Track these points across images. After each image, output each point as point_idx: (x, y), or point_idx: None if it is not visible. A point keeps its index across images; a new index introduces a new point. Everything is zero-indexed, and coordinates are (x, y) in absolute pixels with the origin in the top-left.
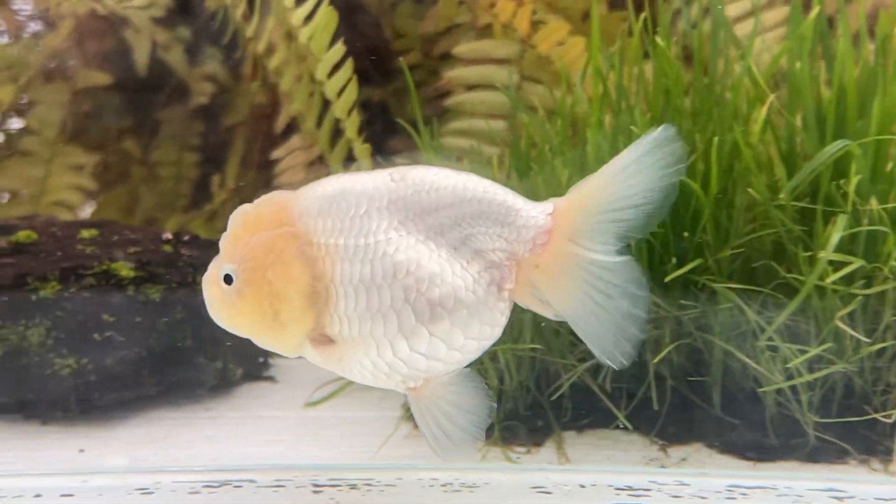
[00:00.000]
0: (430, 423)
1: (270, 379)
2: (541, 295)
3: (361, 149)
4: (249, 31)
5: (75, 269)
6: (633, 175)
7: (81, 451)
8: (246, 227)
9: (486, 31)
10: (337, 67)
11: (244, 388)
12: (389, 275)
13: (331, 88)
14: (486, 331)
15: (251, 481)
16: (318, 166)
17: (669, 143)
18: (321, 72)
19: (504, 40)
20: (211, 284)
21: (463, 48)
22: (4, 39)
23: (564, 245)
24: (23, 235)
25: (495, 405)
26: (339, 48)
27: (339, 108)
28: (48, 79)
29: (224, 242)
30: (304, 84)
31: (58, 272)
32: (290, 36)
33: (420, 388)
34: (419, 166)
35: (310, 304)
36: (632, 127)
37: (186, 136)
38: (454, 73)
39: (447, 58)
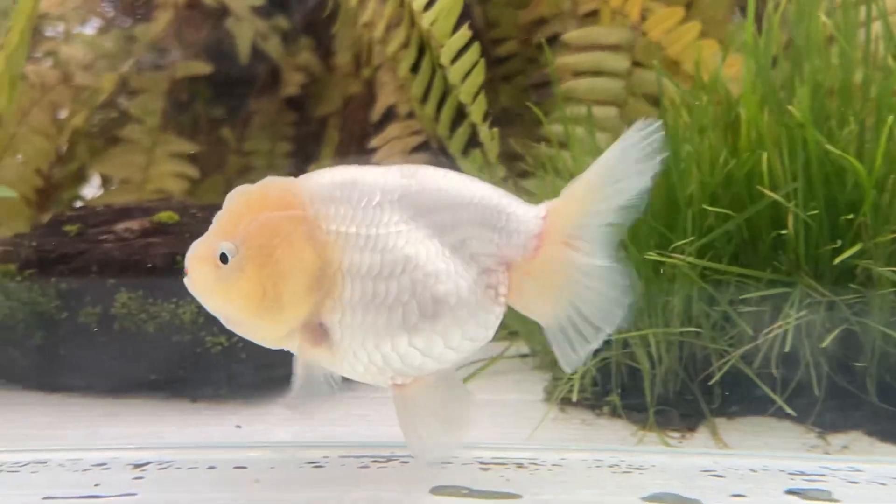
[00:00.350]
0: (415, 421)
1: None
2: (530, 301)
3: (487, 133)
4: (365, 16)
5: None
6: (620, 172)
7: (238, 426)
8: (249, 206)
9: (586, 19)
10: (461, 52)
11: None
12: (399, 267)
13: (455, 73)
14: (480, 333)
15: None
16: (415, 154)
17: (649, 137)
18: (445, 56)
19: (615, 27)
20: (202, 262)
21: (574, 35)
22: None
23: (557, 249)
24: (164, 216)
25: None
26: (465, 32)
27: (464, 93)
28: (149, 68)
29: (220, 220)
30: (424, 70)
31: None
32: (410, 21)
33: (407, 386)
34: (427, 166)
35: (314, 288)
36: (790, 107)
37: (279, 126)
38: (565, 60)
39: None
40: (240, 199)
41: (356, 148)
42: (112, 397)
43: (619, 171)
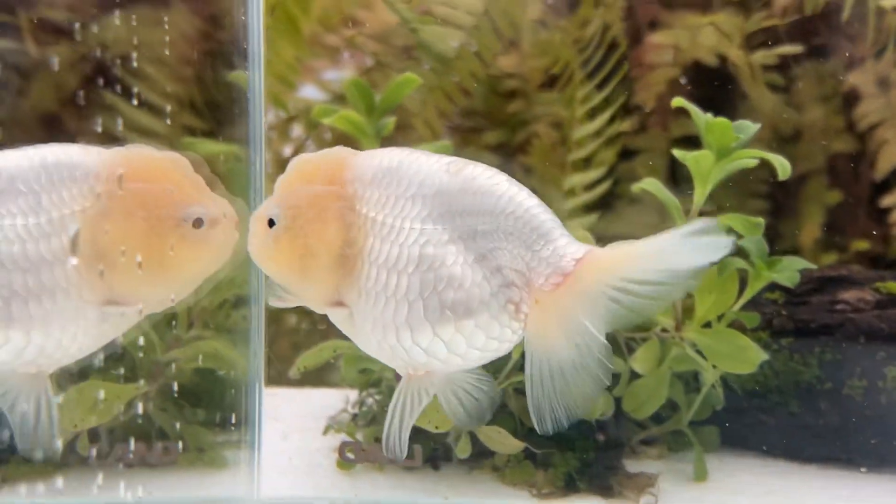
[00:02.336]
0: (402, 410)
1: None
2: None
3: None
4: None
5: None
6: (668, 260)
7: None
8: (301, 176)
9: None
10: None
11: None
12: (413, 264)
13: None
14: (492, 344)
15: None
16: None
17: (709, 238)
18: None
19: None
20: (257, 220)
21: None
22: None
23: (572, 297)
24: (893, 286)
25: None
26: None
27: None
28: None
29: (278, 185)
30: None
31: None
32: None
33: (416, 377)
34: (477, 164)
35: (336, 267)
36: None
37: (751, 183)
38: None
39: None
40: (297, 166)
41: (864, 207)
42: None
43: (668, 258)
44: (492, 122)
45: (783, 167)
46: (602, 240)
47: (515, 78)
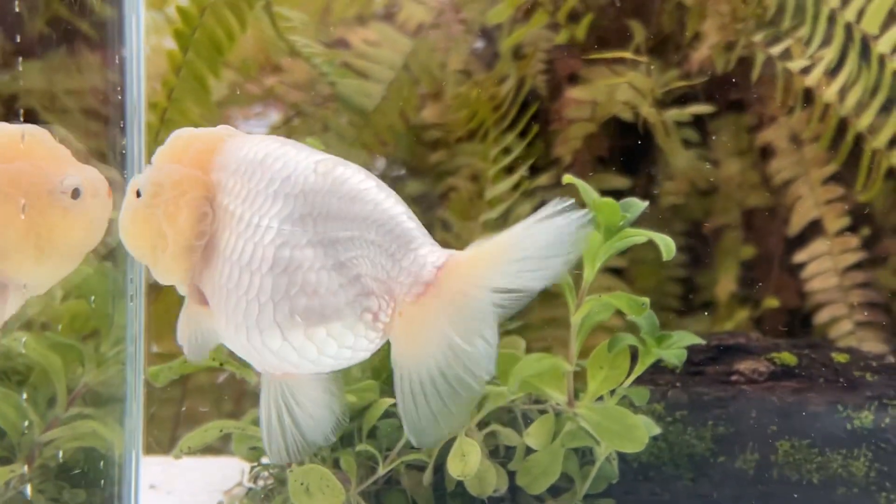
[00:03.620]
0: (269, 411)
1: None
2: (397, 343)
3: None
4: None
5: None
6: (532, 247)
7: None
8: (172, 151)
9: None
10: None
11: None
12: (267, 265)
13: None
14: (345, 353)
15: None
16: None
17: (570, 219)
18: None
19: None
20: (131, 189)
21: None
22: None
23: (435, 307)
24: (786, 357)
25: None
26: None
27: None
28: None
29: (155, 156)
30: None
31: None
32: None
33: (276, 376)
34: (349, 166)
35: (183, 256)
36: None
37: (671, 235)
38: None
39: None
40: (172, 140)
41: (778, 261)
42: None
43: (532, 245)
44: (414, 173)
45: (667, 247)
46: None
47: (438, 128)
